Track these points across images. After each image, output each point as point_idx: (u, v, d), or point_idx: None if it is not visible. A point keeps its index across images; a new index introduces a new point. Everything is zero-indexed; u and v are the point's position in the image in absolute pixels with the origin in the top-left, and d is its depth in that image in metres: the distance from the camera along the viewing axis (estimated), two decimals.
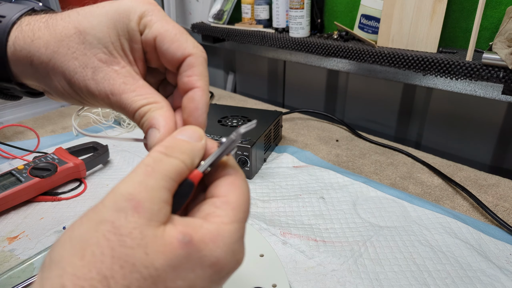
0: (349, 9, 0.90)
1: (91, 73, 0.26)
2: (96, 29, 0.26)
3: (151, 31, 0.26)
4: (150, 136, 0.25)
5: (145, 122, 0.26)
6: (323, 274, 0.44)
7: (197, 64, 0.27)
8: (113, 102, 0.26)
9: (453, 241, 0.49)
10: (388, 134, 0.94)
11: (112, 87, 0.26)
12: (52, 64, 0.26)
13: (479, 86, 0.67)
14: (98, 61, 0.26)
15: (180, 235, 0.19)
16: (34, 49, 0.27)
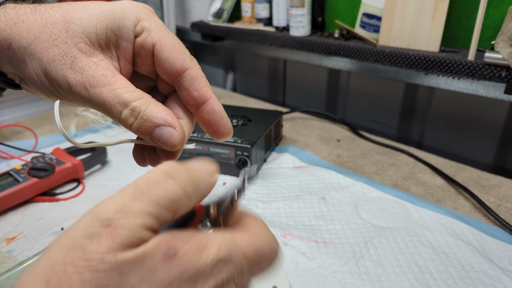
0: (350, 7, 0.89)
1: (69, 62, 0.25)
2: (84, 19, 0.25)
3: (150, 36, 0.26)
4: (163, 135, 0.24)
5: (145, 123, 0.24)
6: (324, 275, 0.43)
7: (200, 76, 0.27)
8: (92, 95, 0.24)
9: (455, 242, 0.49)
10: (390, 134, 0.94)
11: (91, 78, 0.24)
12: (30, 49, 0.25)
13: (481, 86, 0.67)
14: (78, 50, 0.25)
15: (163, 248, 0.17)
16: (15, 32, 0.26)
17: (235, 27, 1.03)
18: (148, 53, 0.26)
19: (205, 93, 0.26)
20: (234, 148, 0.62)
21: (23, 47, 0.26)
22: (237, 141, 0.62)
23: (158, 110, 0.25)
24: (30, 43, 0.25)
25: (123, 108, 0.24)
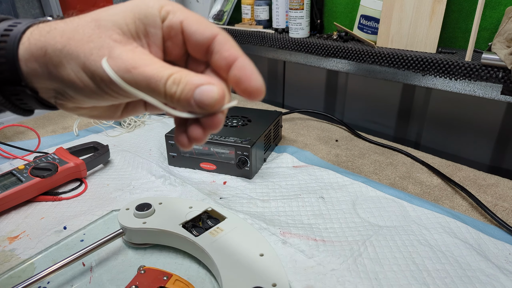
0: (348, 9, 0.90)
1: (107, 52, 0.26)
2: (112, 15, 0.27)
3: (176, 16, 0.27)
4: (204, 93, 0.25)
5: (186, 87, 0.25)
6: (323, 273, 0.44)
7: (229, 39, 0.28)
8: (136, 76, 0.25)
9: (452, 240, 0.49)
10: (388, 134, 0.94)
11: (131, 61, 0.25)
12: (66, 49, 0.26)
13: (478, 86, 0.67)
14: (113, 41, 0.26)
15: None
16: (50, 38, 0.27)
17: (235, 29, 1.03)
18: (177, 32, 0.27)
19: (235, 52, 0.27)
20: (234, 148, 0.63)
21: (59, 50, 0.26)
22: (237, 141, 0.63)
23: (196, 75, 0.26)
24: (65, 45, 0.26)
25: (166, 80, 0.25)
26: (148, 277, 0.41)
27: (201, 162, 0.67)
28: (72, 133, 0.83)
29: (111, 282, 0.43)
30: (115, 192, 0.60)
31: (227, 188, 0.62)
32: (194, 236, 0.46)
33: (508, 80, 0.62)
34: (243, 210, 0.55)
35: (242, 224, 0.48)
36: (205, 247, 0.44)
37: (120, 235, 0.48)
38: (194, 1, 1.24)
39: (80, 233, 0.50)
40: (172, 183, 0.62)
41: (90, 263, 0.46)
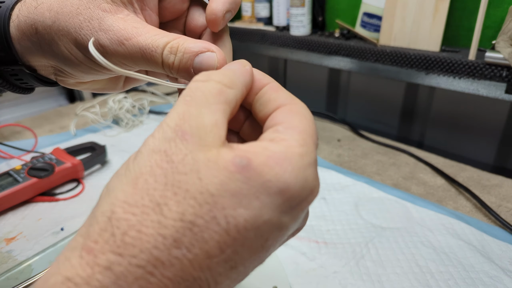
0: (350, 7, 0.89)
1: (97, 24, 0.24)
2: None
3: None
4: (203, 60, 0.23)
5: (184, 55, 0.23)
6: (325, 276, 0.43)
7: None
8: (129, 48, 0.24)
9: (456, 242, 0.48)
10: (391, 134, 0.93)
11: (123, 32, 0.24)
12: (56, 26, 0.25)
13: (482, 85, 0.66)
14: (102, 11, 0.25)
15: (236, 158, 0.17)
16: (38, 15, 0.26)
17: (235, 27, 1.03)
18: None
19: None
20: None
21: (49, 26, 0.25)
22: None
23: (194, 41, 0.24)
24: (55, 20, 0.25)
25: (163, 50, 0.24)
26: None
27: None
28: (69, 132, 0.82)
29: None
30: None
31: None
32: None
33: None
34: None
35: None
36: None
37: None
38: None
39: None
40: None
41: None
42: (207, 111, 0.18)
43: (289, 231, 0.19)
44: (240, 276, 0.18)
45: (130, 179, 0.17)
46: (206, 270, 0.16)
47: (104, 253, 0.16)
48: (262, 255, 0.18)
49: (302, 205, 0.18)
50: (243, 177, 0.17)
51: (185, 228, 0.16)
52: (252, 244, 0.17)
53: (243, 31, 1.00)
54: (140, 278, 0.15)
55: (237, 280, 0.18)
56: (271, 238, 0.18)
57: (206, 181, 0.16)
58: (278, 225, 0.17)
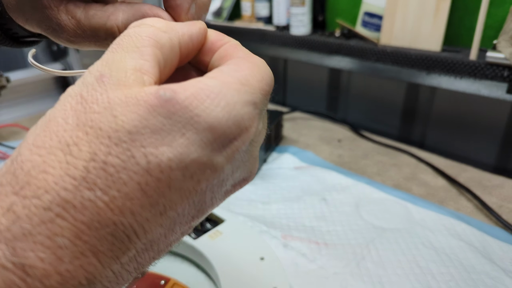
0: (351, 6, 0.89)
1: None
2: None
3: None
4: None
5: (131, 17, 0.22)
6: (325, 277, 0.43)
7: None
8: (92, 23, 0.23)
9: (457, 243, 0.48)
10: (392, 134, 0.93)
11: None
12: None
13: (483, 85, 0.66)
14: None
15: (160, 90, 0.15)
16: None
17: (235, 26, 1.02)
18: None
19: None
20: None
21: None
22: None
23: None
24: None
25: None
26: (145, 281, 0.40)
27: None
28: None
29: None
30: None
31: None
32: (193, 239, 0.45)
33: None
34: (243, 213, 0.54)
35: (242, 226, 0.48)
36: (204, 250, 0.43)
37: None
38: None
39: None
40: None
41: None
42: (131, 56, 0.17)
43: (226, 175, 0.18)
44: (176, 226, 0.17)
45: (43, 123, 0.16)
46: (129, 214, 0.15)
47: (7, 195, 0.15)
48: (198, 200, 0.17)
49: (235, 144, 0.17)
50: (166, 111, 0.15)
51: (98, 168, 0.15)
52: (181, 186, 0.16)
53: (243, 30, 1.00)
54: (48, 221, 0.14)
55: (173, 230, 0.17)
56: (204, 180, 0.16)
57: (122, 118, 0.15)
58: (210, 165, 0.16)
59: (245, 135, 0.17)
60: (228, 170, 0.17)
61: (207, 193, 0.17)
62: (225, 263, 0.42)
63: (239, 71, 0.18)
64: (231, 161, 0.17)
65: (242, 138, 0.17)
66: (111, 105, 0.15)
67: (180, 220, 0.17)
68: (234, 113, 0.16)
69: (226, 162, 0.17)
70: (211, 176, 0.16)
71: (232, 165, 0.17)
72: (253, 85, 0.17)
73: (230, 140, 0.16)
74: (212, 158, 0.16)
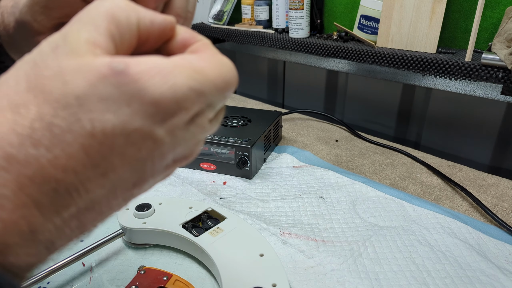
0: (348, 9, 0.90)
1: None
2: None
3: None
4: None
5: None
6: (323, 273, 0.44)
7: None
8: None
9: (453, 241, 0.49)
10: (388, 135, 0.94)
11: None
12: None
13: (478, 87, 0.67)
14: None
15: (114, 62, 0.16)
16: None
17: (235, 29, 1.03)
18: None
19: None
20: (234, 148, 0.63)
21: None
22: (237, 141, 0.63)
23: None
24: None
25: None
26: (148, 277, 0.41)
27: (201, 162, 0.67)
28: None
29: (111, 282, 0.43)
30: None
31: (227, 188, 0.62)
32: (194, 236, 0.46)
33: (508, 80, 0.62)
34: (243, 210, 0.55)
35: (242, 224, 0.48)
36: (205, 247, 0.44)
37: (120, 235, 0.47)
38: None
39: None
40: (172, 183, 0.62)
41: (90, 263, 0.46)
42: (86, 28, 0.17)
43: (167, 148, 0.18)
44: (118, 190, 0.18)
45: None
46: (71, 173, 0.16)
47: None
48: (139, 167, 0.18)
49: (174, 121, 0.18)
50: (116, 81, 0.16)
51: (43, 128, 0.15)
52: (123, 152, 0.17)
53: (242, 33, 1.01)
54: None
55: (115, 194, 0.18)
56: (144, 149, 0.17)
57: (73, 84, 0.16)
58: (151, 136, 0.17)
59: (183, 114, 0.18)
60: (169, 144, 0.18)
61: (147, 162, 0.18)
62: (226, 259, 0.42)
63: (198, 61, 0.19)
64: (171, 136, 0.18)
65: (181, 117, 0.18)
66: (63, 72, 0.16)
67: (121, 185, 0.18)
68: (179, 94, 0.17)
69: (166, 135, 0.18)
70: (151, 146, 0.18)
71: (172, 140, 0.18)
72: (207, 76, 0.18)
73: (170, 116, 0.17)
74: (153, 130, 0.17)
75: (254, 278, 0.40)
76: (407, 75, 0.76)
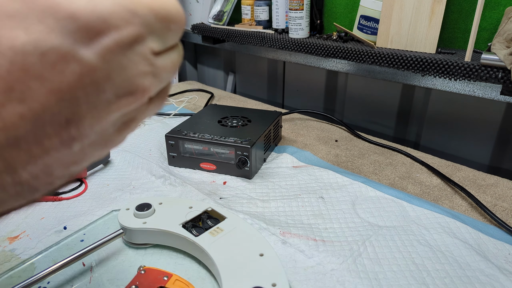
0: (348, 10, 0.90)
1: None
2: None
3: None
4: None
5: None
6: (323, 273, 0.44)
7: None
8: None
9: (452, 240, 0.49)
10: (387, 135, 0.94)
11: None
12: None
13: (477, 87, 0.67)
14: None
15: None
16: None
17: (235, 29, 1.04)
18: None
19: None
20: (234, 148, 0.63)
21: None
22: (237, 141, 0.63)
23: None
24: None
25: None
26: (148, 277, 0.41)
27: (201, 162, 0.67)
28: None
29: (111, 282, 0.43)
30: (115, 192, 0.61)
31: (227, 188, 0.62)
32: (194, 236, 0.46)
33: (507, 80, 0.62)
34: (243, 210, 0.55)
35: (242, 224, 0.48)
36: (205, 247, 0.44)
37: (120, 235, 0.48)
38: (194, 1, 1.24)
39: (80, 233, 0.50)
40: (172, 183, 0.62)
41: (90, 263, 0.46)
42: None
43: (102, 77, 0.16)
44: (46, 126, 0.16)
45: None
46: None
47: None
48: (68, 97, 0.16)
49: (104, 42, 0.16)
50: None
51: None
52: (41, 75, 0.15)
53: (242, 33, 1.01)
54: None
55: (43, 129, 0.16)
56: (69, 73, 0.15)
57: None
58: (75, 58, 0.16)
59: (114, 33, 0.16)
60: (102, 70, 0.16)
61: (78, 92, 0.16)
62: (226, 259, 0.42)
63: None
64: (103, 60, 0.16)
65: (112, 36, 0.16)
66: None
67: (50, 119, 0.16)
68: (99, 7, 0.16)
69: (95, 58, 0.16)
70: (78, 69, 0.16)
71: (106, 66, 0.16)
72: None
73: (96, 34, 0.16)
74: (76, 50, 0.15)
75: (254, 277, 0.40)
76: (407, 75, 0.76)
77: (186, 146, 0.67)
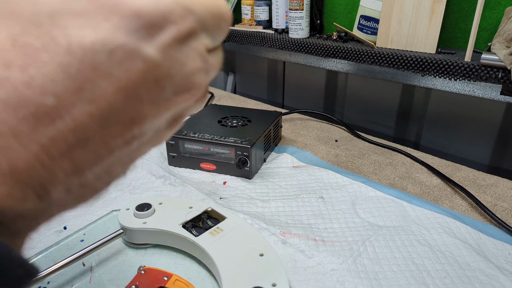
0: (348, 10, 0.90)
1: None
2: None
3: None
4: None
5: None
6: (323, 273, 0.44)
7: None
8: None
9: (452, 240, 0.49)
10: (387, 135, 0.94)
11: None
12: None
13: (477, 87, 0.67)
14: None
15: None
16: None
17: (235, 30, 1.04)
18: None
19: None
20: (234, 148, 0.63)
21: None
22: (237, 141, 0.63)
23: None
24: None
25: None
26: (148, 277, 0.41)
27: (201, 162, 0.67)
28: None
29: (111, 282, 0.43)
30: (115, 192, 0.61)
31: (227, 188, 0.62)
32: (194, 236, 0.46)
33: (507, 80, 0.62)
34: (243, 210, 0.55)
35: (242, 224, 0.48)
36: (205, 247, 0.44)
37: (120, 235, 0.48)
38: None
39: (80, 233, 0.50)
40: (172, 183, 0.62)
41: (90, 263, 0.46)
42: None
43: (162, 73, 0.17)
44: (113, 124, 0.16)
45: None
46: (50, 95, 0.14)
47: None
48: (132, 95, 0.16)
49: (164, 36, 0.16)
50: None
51: (16, 49, 0.14)
52: (109, 73, 0.15)
53: (243, 33, 1.01)
54: None
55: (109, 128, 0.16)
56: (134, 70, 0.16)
57: (43, 3, 0.15)
58: (139, 54, 0.16)
59: (172, 27, 0.17)
60: (164, 67, 0.17)
61: (141, 89, 0.16)
62: (226, 259, 0.42)
63: None
64: (163, 55, 0.17)
65: (170, 31, 0.17)
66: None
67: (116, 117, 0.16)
68: (162, 6, 0.16)
69: (157, 53, 0.16)
70: (142, 66, 0.16)
71: (165, 61, 0.17)
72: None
73: (157, 30, 0.16)
74: (140, 47, 0.16)
75: (254, 277, 0.40)
76: (407, 75, 0.76)
77: (186, 146, 0.67)
